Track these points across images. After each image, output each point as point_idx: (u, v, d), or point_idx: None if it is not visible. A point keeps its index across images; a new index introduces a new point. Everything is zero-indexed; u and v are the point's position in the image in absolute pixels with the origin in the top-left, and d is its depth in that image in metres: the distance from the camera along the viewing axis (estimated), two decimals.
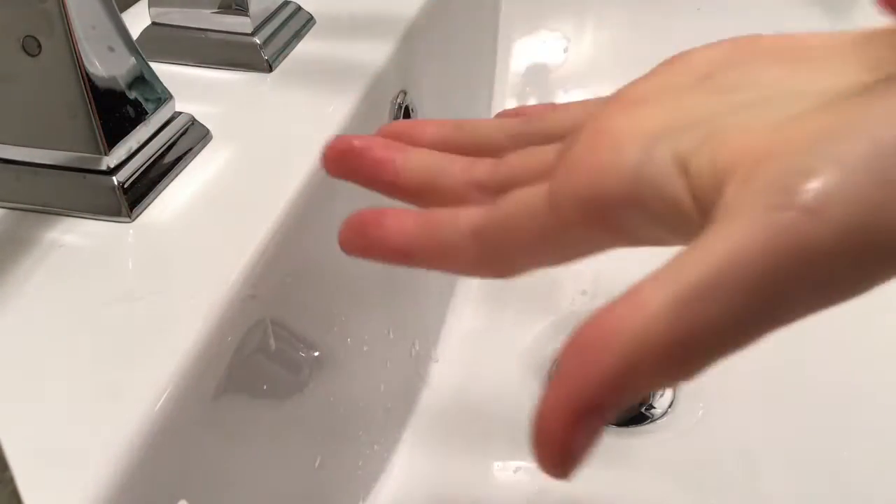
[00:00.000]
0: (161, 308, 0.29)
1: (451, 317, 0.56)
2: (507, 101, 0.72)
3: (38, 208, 0.33)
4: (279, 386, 0.35)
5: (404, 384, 0.50)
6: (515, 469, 0.48)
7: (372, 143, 0.26)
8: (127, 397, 0.25)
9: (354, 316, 0.42)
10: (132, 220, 0.33)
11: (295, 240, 0.34)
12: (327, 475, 0.39)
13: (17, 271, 0.30)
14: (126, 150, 0.34)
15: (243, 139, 0.39)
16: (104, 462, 0.23)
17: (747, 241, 0.16)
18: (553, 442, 0.17)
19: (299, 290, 0.36)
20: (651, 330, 0.16)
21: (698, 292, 0.16)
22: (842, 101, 0.19)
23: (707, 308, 0.16)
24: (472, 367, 0.53)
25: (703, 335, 0.16)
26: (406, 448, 0.48)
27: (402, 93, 0.48)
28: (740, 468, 0.47)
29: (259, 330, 0.32)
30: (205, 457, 0.29)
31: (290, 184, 0.35)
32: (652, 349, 0.16)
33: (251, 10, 0.44)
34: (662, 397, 0.51)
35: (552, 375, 0.53)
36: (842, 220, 0.16)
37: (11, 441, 0.17)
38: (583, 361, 0.17)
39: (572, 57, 0.73)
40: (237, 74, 0.44)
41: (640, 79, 0.24)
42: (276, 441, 0.34)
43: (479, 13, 0.71)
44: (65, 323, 0.28)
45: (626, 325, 0.17)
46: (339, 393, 0.41)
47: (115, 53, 0.34)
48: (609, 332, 0.17)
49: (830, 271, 0.16)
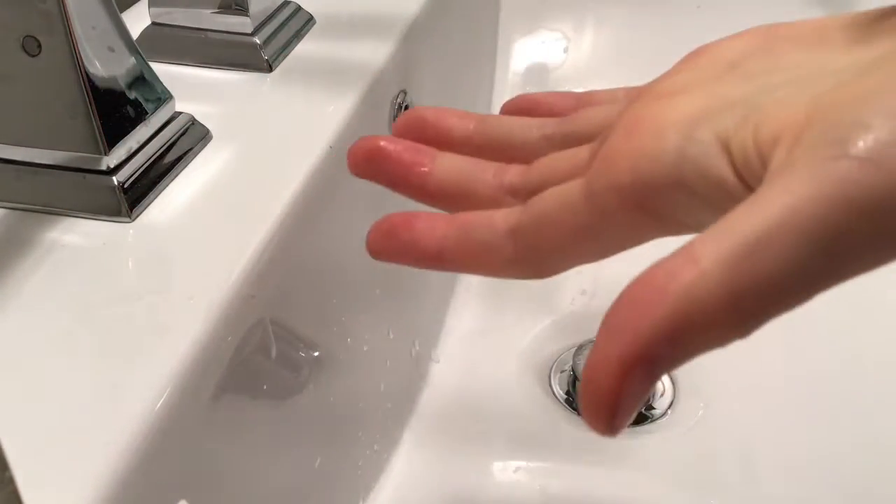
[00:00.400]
0: (161, 308, 0.29)
1: (451, 317, 0.56)
2: None
3: (38, 208, 0.33)
4: (279, 386, 0.35)
5: (404, 384, 0.50)
6: (515, 469, 0.48)
7: (399, 144, 0.25)
8: (127, 397, 0.25)
9: (354, 316, 0.42)
10: (132, 220, 0.33)
11: (295, 240, 0.34)
12: (327, 475, 0.39)
13: (17, 271, 0.30)
14: (126, 150, 0.34)
15: (243, 139, 0.39)
16: (104, 462, 0.23)
17: (804, 192, 0.16)
18: (602, 394, 0.17)
19: (299, 290, 0.36)
20: (703, 284, 0.16)
21: (754, 246, 0.16)
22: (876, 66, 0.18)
23: (763, 262, 0.16)
24: (472, 367, 0.53)
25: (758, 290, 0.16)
26: (406, 448, 0.48)
27: (402, 93, 0.48)
28: (740, 468, 0.47)
29: (259, 330, 0.32)
30: (205, 457, 0.29)
31: (290, 184, 0.35)
32: (704, 304, 0.16)
33: (251, 10, 0.44)
34: (662, 397, 0.51)
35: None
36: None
37: (11, 441, 0.17)
38: (633, 315, 0.17)
39: (572, 57, 0.73)
40: (237, 74, 0.44)
41: (666, 74, 0.24)
42: (276, 441, 0.34)
43: (479, 13, 0.71)
44: (65, 323, 0.28)
45: (677, 279, 0.16)
46: (339, 393, 0.41)
47: (115, 53, 0.34)
48: (659, 286, 0.17)
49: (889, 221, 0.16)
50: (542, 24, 0.74)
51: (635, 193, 0.20)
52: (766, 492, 0.46)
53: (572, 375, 0.52)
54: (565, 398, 0.51)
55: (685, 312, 0.16)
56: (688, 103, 0.21)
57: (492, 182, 0.25)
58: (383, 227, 0.24)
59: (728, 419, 0.49)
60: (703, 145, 0.19)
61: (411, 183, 0.25)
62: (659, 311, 0.16)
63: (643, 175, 0.20)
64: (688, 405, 0.50)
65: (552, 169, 0.24)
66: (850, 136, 0.16)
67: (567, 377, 0.52)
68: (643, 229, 0.21)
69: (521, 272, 0.23)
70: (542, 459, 0.48)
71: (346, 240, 0.38)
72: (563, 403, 0.51)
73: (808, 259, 0.16)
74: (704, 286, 0.16)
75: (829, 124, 0.17)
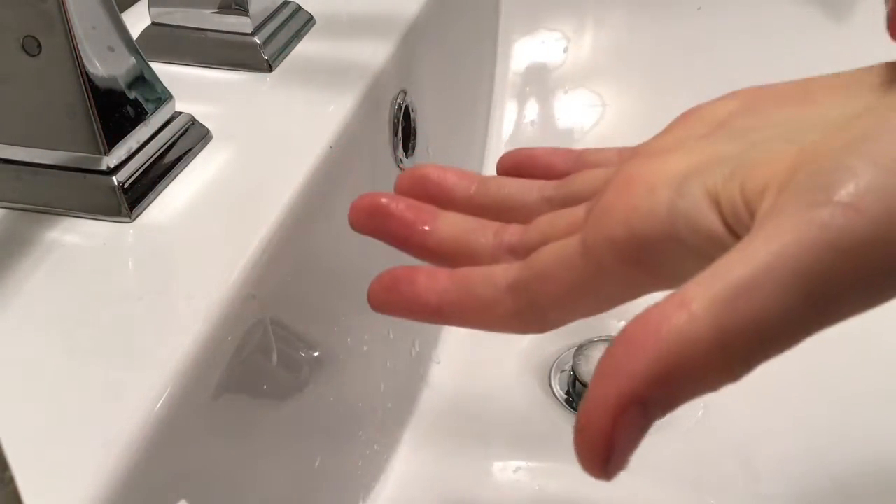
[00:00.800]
0: (161, 308, 0.29)
1: None
2: (507, 101, 0.72)
3: (38, 208, 0.33)
4: (279, 386, 0.35)
5: (404, 384, 0.50)
6: (515, 469, 0.48)
7: (402, 202, 0.26)
8: (127, 397, 0.25)
9: (354, 316, 0.42)
10: (132, 220, 0.33)
11: (295, 240, 0.34)
12: (327, 475, 0.39)
13: (17, 271, 0.30)
14: (126, 150, 0.34)
15: (243, 139, 0.39)
16: (104, 462, 0.23)
17: (789, 238, 0.17)
18: (597, 436, 0.17)
19: (299, 290, 0.36)
20: (693, 327, 0.17)
21: (741, 290, 0.17)
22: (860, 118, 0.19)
23: (749, 305, 0.17)
24: (472, 367, 0.53)
25: (746, 333, 0.17)
26: (406, 448, 0.48)
27: (402, 93, 0.48)
28: (740, 468, 0.47)
29: (259, 330, 0.32)
30: (205, 457, 0.29)
31: (290, 184, 0.35)
32: (694, 346, 0.17)
33: (251, 10, 0.44)
34: None
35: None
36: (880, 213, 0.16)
37: (11, 441, 0.17)
38: (627, 357, 0.17)
39: (572, 57, 0.73)
40: (237, 74, 0.44)
41: (657, 135, 0.25)
42: (276, 441, 0.34)
43: (479, 13, 0.71)
44: (65, 323, 0.28)
45: (669, 322, 0.17)
46: (339, 393, 0.41)
47: (115, 53, 0.34)
48: (652, 329, 0.17)
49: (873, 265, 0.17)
50: (542, 24, 0.74)
51: (630, 247, 0.21)
52: (766, 492, 0.46)
53: (572, 375, 0.52)
54: (565, 398, 0.51)
55: (677, 354, 0.17)
56: (678, 160, 0.22)
57: (492, 241, 0.25)
58: (384, 280, 0.25)
59: (728, 419, 0.49)
60: (693, 199, 0.20)
61: (413, 242, 0.26)
62: (652, 354, 0.17)
63: (637, 229, 0.21)
64: (688, 405, 0.50)
65: (550, 227, 0.24)
66: (834, 182, 0.17)
67: (567, 377, 0.52)
68: (638, 283, 0.22)
69: (520, 327, 0.23)
70: (541, 459, 0.48)
71: (346, 240, 0.38)
72: (562, 403, 0.51)
73: (793, 303, 0.17)
74: (695, 329, 0.17)
75: (813, 171, 0.18)
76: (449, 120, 0.60)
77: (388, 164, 0.47)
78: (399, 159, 0.48)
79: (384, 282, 0.25)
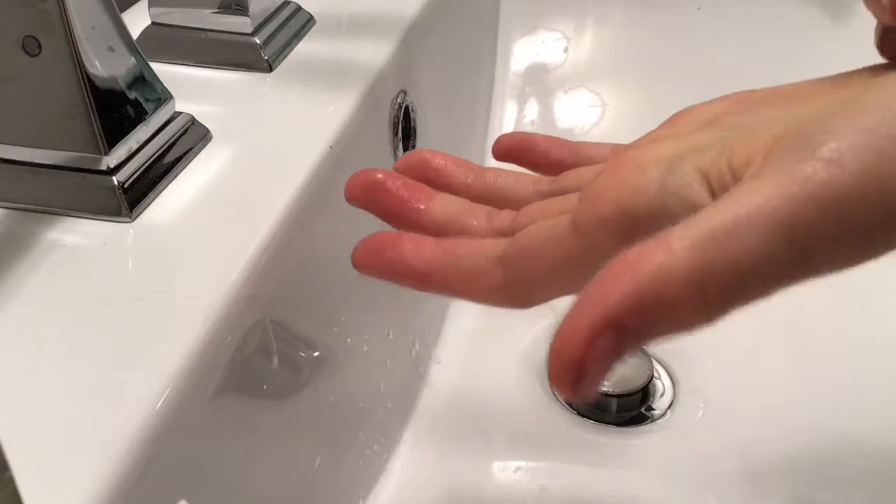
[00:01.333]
0: (161, 308, 0.29)
1: (452, 317, 0.56)
2: (507, 101, 0.72)
3: (38, 208, 0.33)
4: (279, 386, 0.35)
5: (404, 384, 0.50)
6: (515, 469, 0.48)
7: (399, 180, 0.27)
8: (127, 397, 0.25)
9: (354, 316, 0.42)
10: (132, 220, 0.33)
11: (295, 240, 0.34)
12: (327, 475, 0.39)
13: (17, 271, 0.30)
14: (126, 150, 0.34)
15: (243, 139, 0.39)
16: (104, 462, 0.23)
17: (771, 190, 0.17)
18: (569, 357, 0.18)
19: (299, 290, 0.36)
20: (673, 263, 0.17)
21: (723, 233, 0.17)
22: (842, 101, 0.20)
23: (729, 248, 0.17)
24: (472, 367, 0.53)
25: (723, 273, 0.17)
26: (406, 448, 0.48)
27: (402, 93, 0.48)
28: (740, 469, 0.47)
29: (259, 330, 0.32)
30: (205, 457, 0.29)
31: (290, 184, 0.35)
32: (672, 280, 0.17)
33: (251, 10, 0.44)
34: (662, 397, 0.51)
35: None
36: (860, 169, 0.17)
37: (11, 441, 0.17)
38: (604, 286, 0.18)
39: (572, 57, 0.73)
40: (237, 74, 0.44)
41: (650, 132, 0.26)
42: (276, 441, 0.34)
43: (479, 13, 0.71)
44: (65, 323, 0.28)
45: (648, 258, 0.17)
46: (339, 393, 0.41)
47: (115, 53, 0.34)
48: (632, 263, 0.18)
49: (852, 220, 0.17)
50: (542, 24, 0.74)
51: (620, 223, 0.21)
52: (765, 492, 0.46)
53: None
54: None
55: (652, 287, 0.17)
56: (669, 145, 0.22)
57: (483, 224, 0.26)
58: (369, 242, 0.25)
59: (728, 419, 0.49)
60: (683, 176, 0.20)
61: (405, 217, 0.26)
62: (629, 283, 0.17)
63: (627, 207, 0.21)
64: (688, 405, 0.50)
65: (541, 213, 0.25)
66: (817, 143, 0.18)
67: None
68: None
69: (506, 300, 0.24)
70: (541, 459, 0.48)
71: (346, 239, 0.38)
72: (563, 403, 0.51)
73: (773, 249, 0.17)
74: (673, 263, 0.17)
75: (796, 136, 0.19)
76: (449, 120, 0.60)
77: (388, 164, 0.47)
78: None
79: (368, 244, 0.25)
